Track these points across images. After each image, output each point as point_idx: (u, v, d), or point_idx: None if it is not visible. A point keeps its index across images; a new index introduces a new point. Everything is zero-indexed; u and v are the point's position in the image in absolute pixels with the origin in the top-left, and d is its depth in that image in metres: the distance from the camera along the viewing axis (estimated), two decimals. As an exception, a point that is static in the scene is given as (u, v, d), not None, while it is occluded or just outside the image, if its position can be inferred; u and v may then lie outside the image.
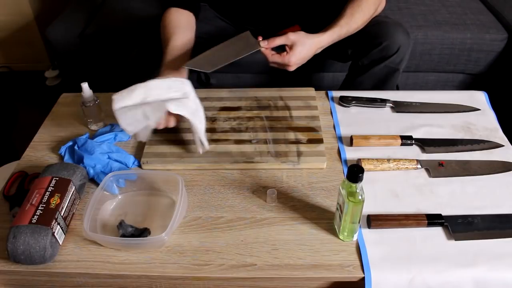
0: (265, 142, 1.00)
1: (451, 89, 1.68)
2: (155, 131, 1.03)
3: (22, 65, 2.22)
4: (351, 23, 1.08)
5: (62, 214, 0.80)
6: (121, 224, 0.81)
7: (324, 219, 0.84)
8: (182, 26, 1.12)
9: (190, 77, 1.42)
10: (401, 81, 1.63)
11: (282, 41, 1.02)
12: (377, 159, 0.94)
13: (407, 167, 0.93)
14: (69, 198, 0.83)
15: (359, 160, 0.94)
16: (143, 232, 0.81)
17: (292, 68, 1.05)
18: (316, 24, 1.29)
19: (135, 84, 0.90)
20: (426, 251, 0.78)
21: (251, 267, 0.76)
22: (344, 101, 1.11)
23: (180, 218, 0.82)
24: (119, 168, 0.93)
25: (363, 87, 1.23)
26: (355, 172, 0.71)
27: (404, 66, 1.22)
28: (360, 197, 0.73)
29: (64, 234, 0.81)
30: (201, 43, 1.30)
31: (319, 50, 1.08)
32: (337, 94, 1.15)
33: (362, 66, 1.21)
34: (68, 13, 1.67)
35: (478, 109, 1.10)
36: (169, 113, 0.90)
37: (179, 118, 0.93)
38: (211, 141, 1.00)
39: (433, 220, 0.81)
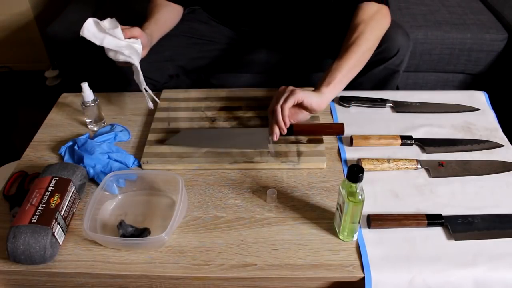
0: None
1: (451, 89, 1.68)
2: (155, 131, 1.03)
3: (22, 65, 2.22)
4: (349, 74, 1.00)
5: (62, 214, 0.80)
6: (121, 224, 0.81)
7: (324, 219, 0.84)
8: (169, 6, 1.18)
9: (190, 77, 1.42)
10: (401, 81, 1.63)
11: (288, 119, 0.93)
12: (377, 159, 0.94)
13: (407, 167, 0.93)
14: (69, 198, 0.83)
15: (359, 160, 0.94)
16: (143, 232, 0.81)
17: (299, 95, 0.92)
18: (311, 28, 1.30)
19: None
20: (426, 251, 0.78)
21: (251, 267, 0.76)
22: (344, 101, 1.11)
23: (180, 218, 0.82)
24: (119, 168, 0.93)
25: (363, 88, 1.23)
26: (355, 172, 0.71)
27: (404, 67, 1.22)
28: (360, 197, 0.73)
29: (64, 234, 0.81)
30: (196, 44, 1.30)
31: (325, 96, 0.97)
32: (337, 94, 1.15)
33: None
34: (68, 13, 1.67)
35: (478, 109, 1.10)
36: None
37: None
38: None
39: (433, 220, 0.81)
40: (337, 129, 1.00)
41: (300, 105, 0.95)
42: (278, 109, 0.92)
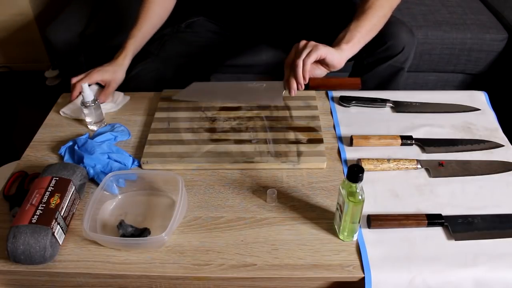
0: (265, 142, 1.00)
1: (451, 89, 1.68)
2: (155, 131, 1.03)
3: (22, 65, 2.22)
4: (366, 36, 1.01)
5: (62, 214, 0.80)
6: (121, 224, 0.81)
7: (324, 219, 0.84)
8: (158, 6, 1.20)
9: (189, 78, 1.42)
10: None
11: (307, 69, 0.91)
12: (377, 159, 0.94)
13: (407, 167, 0.93)
14: (69, 198, 0.83)
15: (359, 160, 0.94)
16: (143, 232, 0.81)
17: (320, 48, 0.90)
18: (310, 27, 1.29)
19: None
20: (426, 251, 0.78)
21: (251, 267, 0.76)
22: (344, 101, 1.11)
23: (180, 218, 0.82)
24: (119, 168, 0.93)
25: (367, 86, 1.23)
26: (355, 172, 0.71)
27: (409, 65, 1.22)
28: (360, 197, 0.73)
29: (64, 234, 0.81)
30: (189, 49, 1.29)
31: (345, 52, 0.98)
32: (337, 94, 1.15)
33: (366, 64, 1.21)
34: (68, 13, 1.67)
35: (478, 109, 1.10)
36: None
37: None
38: (211, 141, 1.00)
39: (433, 220, 0.81)
40: (353, 83, 0.97)
41: (320, 61, 0.93)
42: (300, 64, 0.90)
